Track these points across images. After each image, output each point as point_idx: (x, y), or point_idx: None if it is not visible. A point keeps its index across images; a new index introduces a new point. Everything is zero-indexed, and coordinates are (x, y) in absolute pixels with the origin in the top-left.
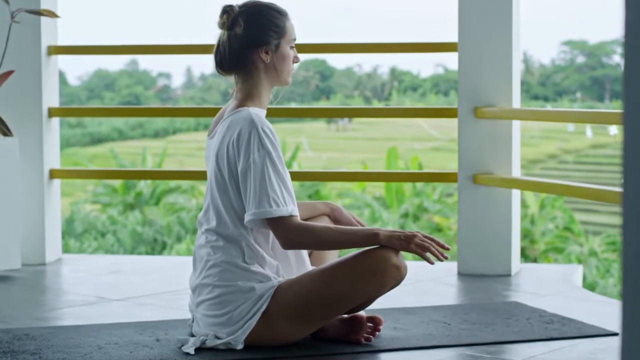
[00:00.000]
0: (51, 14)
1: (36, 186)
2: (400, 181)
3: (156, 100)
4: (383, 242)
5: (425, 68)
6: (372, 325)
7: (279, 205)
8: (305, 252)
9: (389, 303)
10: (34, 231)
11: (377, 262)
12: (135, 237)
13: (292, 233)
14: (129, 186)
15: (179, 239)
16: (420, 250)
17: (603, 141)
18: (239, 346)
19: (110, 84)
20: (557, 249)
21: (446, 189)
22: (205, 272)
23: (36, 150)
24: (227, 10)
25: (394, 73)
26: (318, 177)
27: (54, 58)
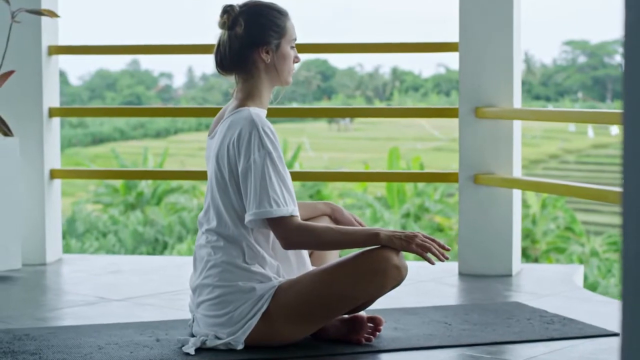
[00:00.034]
0: (51, 14)
1: (37, 186)
2: (401, 181)
3: (158, 100)
4: (384, 242)
5: (426, 68)
6: (373, 325)
7: (280, 205)
8: (305, 253)
9: (390, 303)
10: (35, 231)
11: (378, 263)
12: (136, 237)
13: (293, 233)
14: (130, 186)
15: (180, 239)
16: (421, 250)
17: (604, 141)
18: (239, 346)
19: (111, 84)
20: (559, 249)
21: (447, 189)
22: (205, 273)
23: (37, 150)
24: (228, 10)
25: (396, 73)
26: (319, 177)
27: (55, 58)
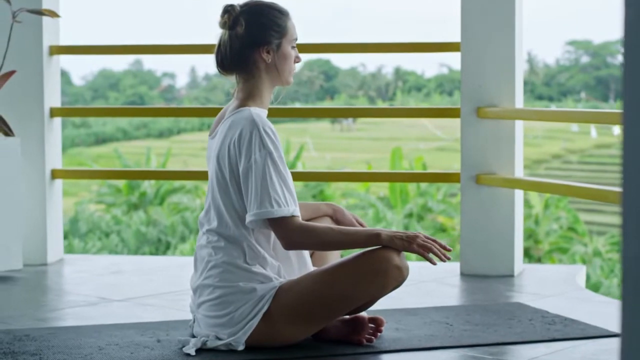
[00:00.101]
0: (52, 14)
1: (38, 186)
2: (403, 181)
3: (160, 100)
4: (385, 243)
5: (429, 68)
6: (374, 326)
7: (281, 205)
8: (306, 253)
9: (391, 304)
10: (36, 231)
11: (379, 263)
12: (139, 237)
13: (294, 233)
14: (133, 186)
15: (183, 239)
16: (422, 250)
17: (607, 141)
18: (240, 347)
19: (114, 84)
20: (562, 249)
21: (450, 189)
22: (206, 273)
23: (38, 150)
24: (229, 9)
25: (398, 73)
26: (322, 178)
27: (56, 58)
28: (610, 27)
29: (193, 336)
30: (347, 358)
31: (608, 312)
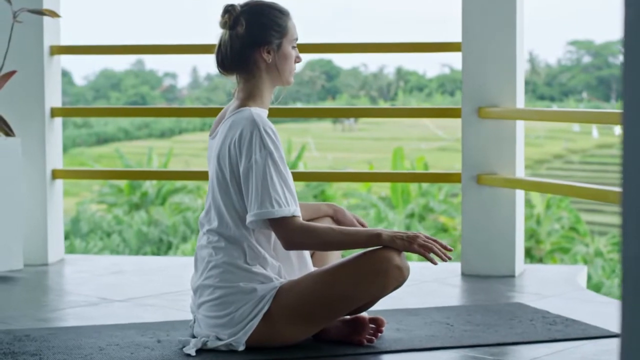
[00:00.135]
0: (53, 14)
1: (38, 186)
2: (404, 181)
3: (162, 100)
4: (386, 243)
5: (431, 68)
6: (375, 326)
7: (281, 205)
8: (307, 253)
9: (392, 304)
10: (37, 231)
11: (380, 263)
12: (140, 237)
13: (294, 233)
14: (135, 186)
15: (185, 239)
16: (423, 250)
17: (609, 141)
18: (241, 347)
19: (116, 84)
20: (563, 249)
21: (452, 189)
22: (206, 273)
23: (39, 150)
24: (229, 9)
25: (400, 73)
26: (324, 178)
27: (57, 58)
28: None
29: (193, 336)
30: (348, 358)
31: (609, 313)
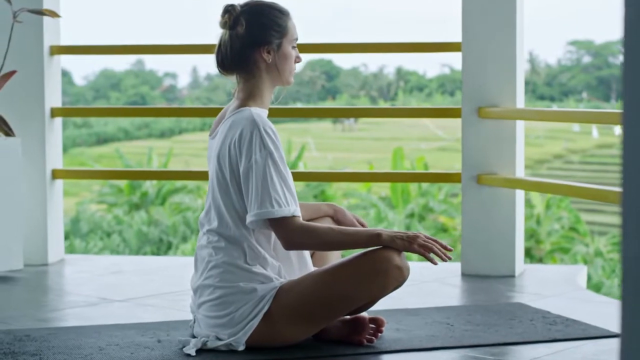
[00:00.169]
0: (53, 14)
1: (38, 186)
2: (403, 181)
3: (162, 100)
4: (386, 243)
5: (431, 68)
6: (375, 326)
7: (281, 205)
8: (307, 253)
9: (392, 304)
10: (37, 231)
11: (380, 263)
12: (140, 237)
13: (294, 233)
14: (135, 186)
15: (185, 239)
16: (423, 250)
17: (609, 141)
18: (241, 347)
19: (116, 84)
20: (563, 249)
21: (452, 189)
22: (206, 273)
23: (39, 150)
24: (229, 9)
25: (400, 73)
26: (324, 178)
27: (57, 58)
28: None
29: (193, 336)
30: (348, 358)
31: (609, 313)
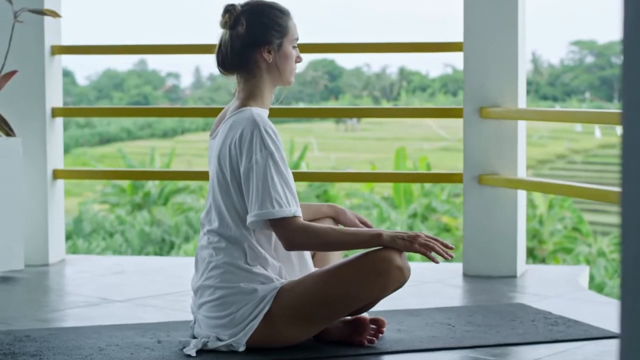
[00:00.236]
0: (54, 14)
1: (39, 186)
2: (405, 182)
3: (165, 100)
4: (386, 243)
5: (434, 68)
6: (375, 327)
7: (282, 206)
8: (308, 254)
9: (393, 304)
10: (37, 232)
11: (381, 264)
12: (143, 237)
13: (295, 234)
14: (137, 186)
15: (187, 239)
16: (424, 249)
17: (612, 141)
18: (241, 348)
19: (119, 84)
20: (566, 250)
21: (455, 189)
22: (207, 274)
23: (39, 150)
24: (230, 9)
25: (403, 73)
26: (326, 178)
27: (58, 58)
28: (614, 27)
29: (194, 337)
30: (349, 359)
31: (611, 313)
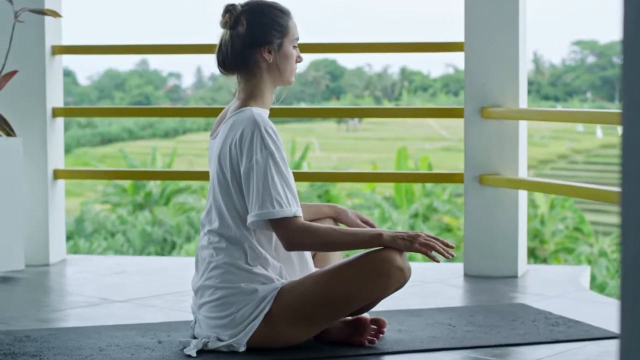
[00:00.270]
0: (54, 14)
1: (40, 186)
2: (406, 182)
3: (166, 100)
4: (387, 243)
5: (435, 68)
6: (376, 327)
7: (282, 206)
8: (308, 254)
9: (394, 305)
10: (38, 232)
11: (382, 264)
12: (144, 237)
13: (296, 234)
14: (139, 186)
15: (189, 239)
16: (425, 249)
17: (613, 141)
18: (242, 348)
19: (120, 84)
20: (567, 250)
21: (456, 189)
22: (207, 274)
23: (40, 150)
24: (230, 9)
25: (404, 73)
26: (328, 178)
27: (58, 58)
28: (616, 27)
29: (194, 337)
30: (349, 359)
31: (612, 313)
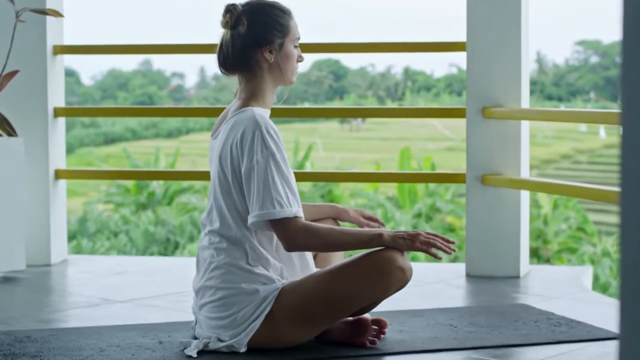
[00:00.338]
0: (56, 14)
1: (41, 186)
2: (409, 182)
3: (170, 100)
4: (387, 243)
5: (438, 68)
6: (377, 327)
7: (283, 206)
8: (309, 254)
9: (395, 305)
10: (39, 232)
11: (383, 264)
12: (147, 237)
13: (296, 234)
14: (142, 186)
15: (192, 239)
16: (425, 247)
17: (616, 141)
18: (242, 349)
19: (123, 84)
20: (570, 250)
21: (459, 189)
22: (208, 274)
23: (41, 150)
24: (230, 9)
25: (408, 73)
26: (331, 178)
27: (60, 58)
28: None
29: (195, 338)
30: None
31: (614, 314)
